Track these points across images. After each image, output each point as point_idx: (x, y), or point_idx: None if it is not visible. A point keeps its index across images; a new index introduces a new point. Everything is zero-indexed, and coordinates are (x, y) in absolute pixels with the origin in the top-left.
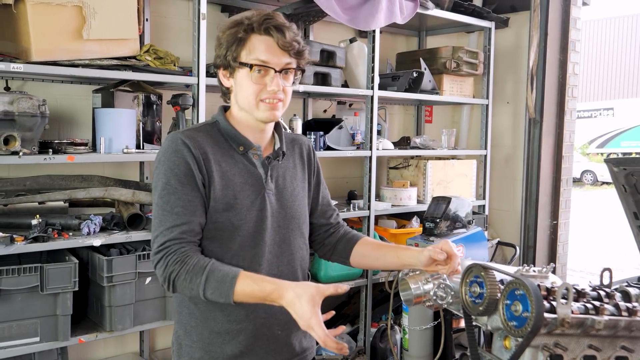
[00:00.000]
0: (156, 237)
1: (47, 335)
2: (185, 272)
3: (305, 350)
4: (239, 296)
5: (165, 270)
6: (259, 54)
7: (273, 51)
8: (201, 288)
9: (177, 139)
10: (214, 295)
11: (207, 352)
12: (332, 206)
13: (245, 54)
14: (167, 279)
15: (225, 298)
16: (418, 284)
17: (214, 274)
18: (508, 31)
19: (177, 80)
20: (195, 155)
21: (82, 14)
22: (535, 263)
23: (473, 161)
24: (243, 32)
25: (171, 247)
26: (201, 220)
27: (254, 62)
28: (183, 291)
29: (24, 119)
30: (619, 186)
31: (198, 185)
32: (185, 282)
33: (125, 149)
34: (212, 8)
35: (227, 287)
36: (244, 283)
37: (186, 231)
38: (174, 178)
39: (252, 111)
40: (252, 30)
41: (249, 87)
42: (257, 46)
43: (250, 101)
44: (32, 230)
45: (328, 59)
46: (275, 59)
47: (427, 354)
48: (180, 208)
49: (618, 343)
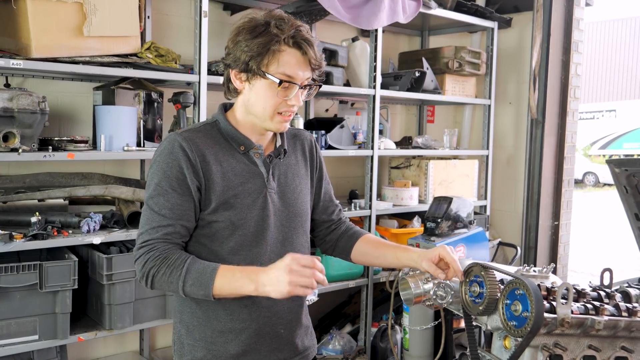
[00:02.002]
0: (141, 234)
1: (46, 333)
2: (165, 266)
3: (307, 349)
4: (218, 290)
5: (144, 265)
6: (286, 69)
7: (301, 66)
8: (181, 281)
9: (174, 140)
10: (193, 288)
11: (209, 350)
12: (335, 202)
13: (275, 67)
14: (145, 275)
15: (205, 290)
16: (418, 284)
17: (194, 266)
18: (511, 31)
19: (179, 78)
20: (192, 158)
21: (82, 11)
22: (537, 264)
23: (475, 161)
24: (276, 44)
25: (154, 245)
26: (188, 224)
27: (281, 77)
28: (161, 286)
29: (23, 115)
30: (620, 187)
31: (190, 190)
32: (165, 277)
33: (126, 147)
34: (214, 6)
35: (206, 279)
36: (222, 281)
37: (171, 233)
38: (165, 180)
39: (264, 121)
40: (283, 42)
41: (270, 99)
42: (287, 60)
43: (267, 112)
44: (31, 227)
45: (330, 58)
46: (301, 74)
47: (428, 354)
48: (168, 210)
49: (618, 343)
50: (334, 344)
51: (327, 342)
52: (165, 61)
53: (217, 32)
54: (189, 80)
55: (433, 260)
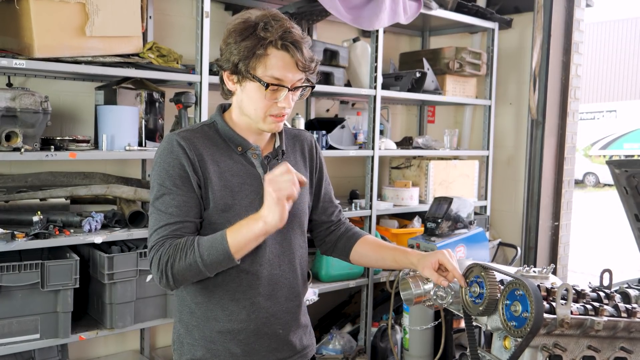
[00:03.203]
0: (150, 235)
1: (48, 332)
2: (178, 252)
3: (306, 348)
4: (235, 247)
5: (159, 262)
6: (274, 72)
7: (289, 69)
8: (198, 257)
9: (172, 140)
10: (211, 257)
11: (208, 350)
12: (335, 203)
13: (262, 70)
14: (163, 270)
15: (224, 254)
16: (418, 284)
17: (202, 240)
18: (511, 32)
19: (180, 78)
20: (190, 156)
21: (85, 11)
22: (537, 264)
23: (475, 162)
24: (262, 47)
25: (165, 242)
26: (196, 220)
27: (269, 80)
28: (183, 275)
29: (25, 115)
30: (620, 188)
31: (193, 186)
32: (182, 262)
33: (128, 147)
34: (216, 6)
35: (219, 243)
36: (233, 235)
37: (180, 228)
38: (168, 179)
39: (257, 122)
40: (270, 45)
41: (260, 102)
42: (275, 63)
43: (259, 114)
44: (33, 227)
45: (331, 59)
46: (290, 77)
47: (428, 354)
48: (175, 208)
49: (617, 344)
50: (334, 344)
51: (327, 342)
52: (167, 61)
53: (219, 32)
54: (191, 80)
55: (433, 267)
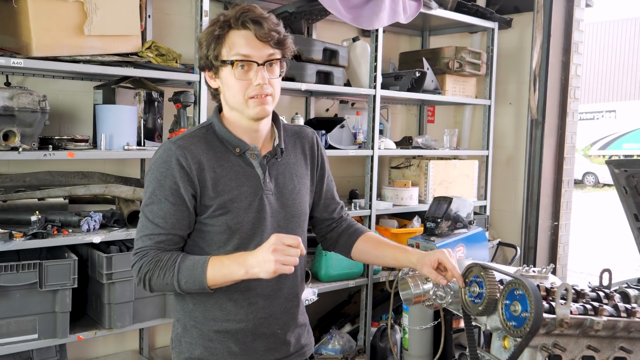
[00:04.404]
0: (136, 240)
1: (46, 332)
2: (158, 269)
3: (304, 347)
4: (212, 281)
5: (140, 271)
6: (239, 49)
7: (253, 44)
8: (175, 280)
9: (169, 149)
10: (188, 284)
11: (207, 348)
12: (337, 200)
13: (226, 51)
14: (142, 279)
15: (199, 285)
16: (418, 284)
17: (184, 264)
18: (511, 32)
19: (179, 77)
20: (186, 167)
21: (83, 10)
22: (536, 264)
23: (475, 161)
24: (219, 29)
25: (148, 252)
26: (181, 232)
27: (235, 57)
28: (159, 288)
29: (23, 114)
30: (619, 188)
31: (184, 199)
32: (160, 279)
33: (126, 146)
34: (215, 5)
35: (198, 273)
36: (214, 270)
37: (163, 241)
38: (159, 189)
39: (242, 110)
40: (229, 26)
41: (235, 85)
42: (237, 41)
43: (239, 99)
44: (31, 226)
45: (331, 58)
46: (257, 52)
47: (427, 354)
48: (161, 219)
49: (617, 344)
50: (333, 344)
51: (327, 342)
52: (165, 60)
53: None
54: (190, 79)
55: (432, 266)
